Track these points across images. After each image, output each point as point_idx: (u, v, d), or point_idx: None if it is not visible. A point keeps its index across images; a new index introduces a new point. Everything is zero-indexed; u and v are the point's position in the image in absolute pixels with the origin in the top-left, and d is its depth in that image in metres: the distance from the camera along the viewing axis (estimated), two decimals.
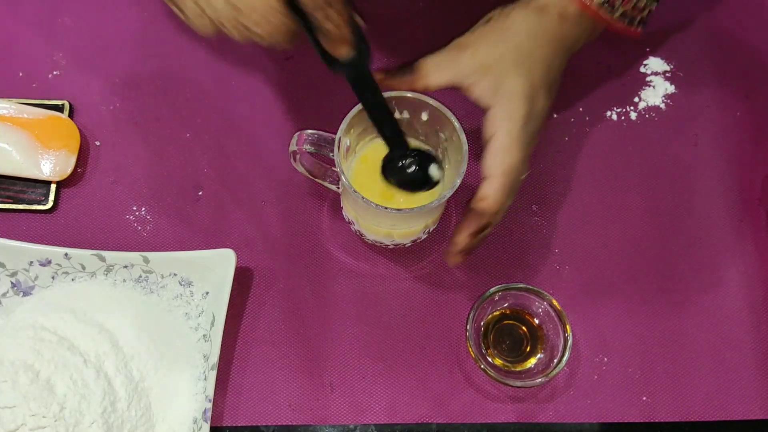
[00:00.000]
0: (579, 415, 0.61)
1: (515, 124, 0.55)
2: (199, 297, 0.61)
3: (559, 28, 0.58)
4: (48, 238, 0.64)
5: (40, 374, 0.55)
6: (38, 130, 0.65)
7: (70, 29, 0.71)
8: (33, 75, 0.69)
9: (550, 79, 0.58)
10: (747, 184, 0.68)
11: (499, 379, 0.58)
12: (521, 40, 0.57)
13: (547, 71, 0.58)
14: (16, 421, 0.53)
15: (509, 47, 0.57)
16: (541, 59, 0.57)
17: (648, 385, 0.62)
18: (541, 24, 0.58)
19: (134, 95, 0.69)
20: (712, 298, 0.65)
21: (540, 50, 0.57)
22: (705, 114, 0.71)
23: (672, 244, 0.66)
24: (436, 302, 0.64)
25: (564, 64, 0.60)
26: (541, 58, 0.57)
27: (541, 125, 0.58)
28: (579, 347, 0.63)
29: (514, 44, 0.57)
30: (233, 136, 0.68)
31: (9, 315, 0.60)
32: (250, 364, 0.61)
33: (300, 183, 0.66)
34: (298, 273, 0.64)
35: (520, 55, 0.57)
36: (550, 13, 0.58)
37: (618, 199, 0.67)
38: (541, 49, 0.57)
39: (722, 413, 0.61)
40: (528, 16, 0.58)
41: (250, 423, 0.60)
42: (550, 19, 0.58)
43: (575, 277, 0.65)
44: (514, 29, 0.58)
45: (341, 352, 0.62)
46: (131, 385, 0.57)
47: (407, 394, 0.61)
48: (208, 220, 0.65)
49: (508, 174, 0.54)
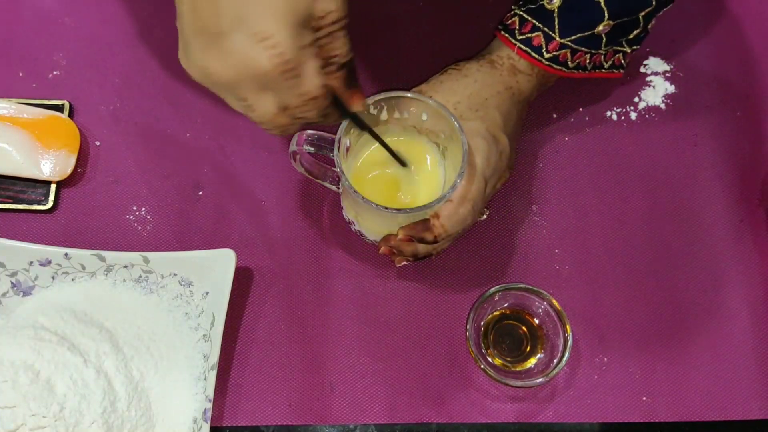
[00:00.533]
0: (579, 415, 0.61)
1: (477, 157, 0.56)
2: (199, 297, 0.61)
3: (512, 79, 0.61)
4: (48, 238, 0.64)
5: (40, 374, 0.55)
6: (38, 130, 0.65)
7: (70, 29, 0.71)
8: (33, 75, 0.69)
9: (509, 127, 0.60)
10: (747, 184, 0.68)
11: (499, 379, 0.58)
12: (477, 89, 0.59)
13: (504, 119, 0.59)
14: (16, 421, 0.53)
15: (464, 95, 0.59)
16: (496, 106, 0.59)
17: (648, 385, 0.62)
18: (494, 75, 0.60)
19: (134, 95, 0.69)
20: (712, 298, 0.65)
21: (494, 98, 0.59)
22: (705, 114, 0.71)
23: (672, 244, 0.66)
24: (436, 302, 0.64)
25: (522, 113, 0.63)
26: (495, 105, 0.59)
27: (503, 169, 0.59)
28: (579, 347, 0.63)
29: (469, 93, 0.59)
30: (233, 136, 0.68)
31: (9, 315, 0.60)
32: (250, 364, 0.61)
33: (300, 183, 0.66)
34: (298, 273, 0.64)
35: (475, 101, 0.59)
36: (503, 65, 0.61)
37: (618, 199, 0.67)
38: (495, 97, 0.59)
39: (722, 413, 0.61)
40: (482, 67, 0.61)
41: (250, 423, 0.60)
42: (502, 71, 0.61)
43: (575, 277, 0.65)
44: (468, 79, 0.60)
45: (341, 352, 0.62)
46: (131, 385, 0.57)
47: (407, 394, 0.61)
48: (208, 220, 0.65)
49: (463, 202, 0.55)
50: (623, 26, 0.59)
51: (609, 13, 0.57)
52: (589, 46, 0.60)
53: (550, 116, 0.69)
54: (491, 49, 0.62)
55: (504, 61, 0.61)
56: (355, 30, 0.45)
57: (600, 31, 0.58)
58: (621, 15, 0.58)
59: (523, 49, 0.60)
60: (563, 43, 0.59)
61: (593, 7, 0.57)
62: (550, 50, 0.59)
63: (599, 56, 0.61)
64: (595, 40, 0.59)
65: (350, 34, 0.46)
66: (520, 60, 0.61)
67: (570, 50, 0.59)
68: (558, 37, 0.59)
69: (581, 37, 0.59)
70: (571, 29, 0.59)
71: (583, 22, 0.58)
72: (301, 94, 0.45)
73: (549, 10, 0.59)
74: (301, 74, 0.44)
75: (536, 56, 0.60)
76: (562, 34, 0.59)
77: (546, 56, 0.60)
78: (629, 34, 0.61)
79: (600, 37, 0.59)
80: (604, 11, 0.57)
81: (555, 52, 0.59)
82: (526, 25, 0.60)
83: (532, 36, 0.59)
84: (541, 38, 0.59)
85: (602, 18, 0.58)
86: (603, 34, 0.59)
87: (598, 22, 0.58)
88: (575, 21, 0.58)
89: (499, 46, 0.62)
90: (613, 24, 0.58)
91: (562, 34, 0.59)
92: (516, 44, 0.60)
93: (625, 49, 0.63)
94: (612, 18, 0.58)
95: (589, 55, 0.61)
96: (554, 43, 0.59)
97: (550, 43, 0.59)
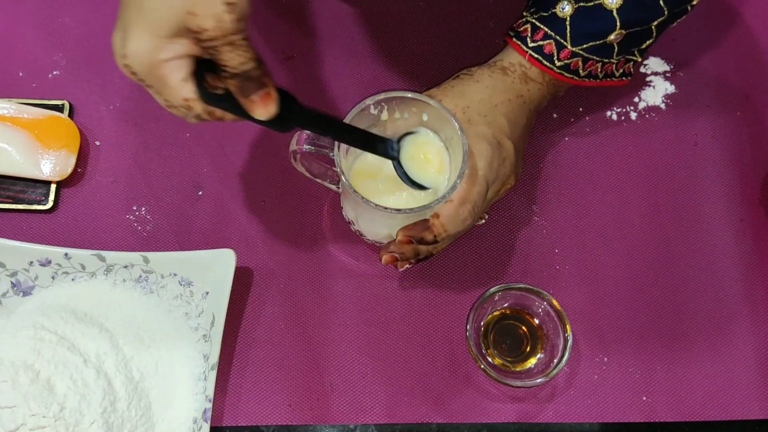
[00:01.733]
0: (579, 415, 0.61)
1: (480, 160, 0.56)
2: (199, 297, 0.61)
3: (523, 87, 0.61)
4: (48, 238, 0.64)
5: (40, 374, 0.55)
6: (38, 130, 0.65)
7: (70, 29, 0.71)
8: (33, 75, 0.69)
9: (515, 134, 0.60)
10: (747, 184, 0.68)
11: (499, 379, 0.58)
12: (487, 95, 0.59)
13: (512, 126, 0.59)
14: (16, 421, 0.53)
15: (474, 100, 0.59)
16: (505, 113, 0.59)
17: (648, 385, 0.62)
18: (505, 82, 0.60)
19: (134, 95, 0.69)
20: (712, 297, 0.65)
21: (504, 105, 0.59)
22: (705, 114, 0.71)
23: (672, 243, 0.66)
24: (436, 302, 0.64)
25: (531, 123, 0.63)
26: (504, 112, 0.59)
27: (507, 175, 0.59)
28: (579, 347, 0.63)
29: (479, 98, 0.59)
30: (233, 136, 0.68)
31: (9, 315, 0.60)
32: (250, 364, 0.61)
33: (300, 183, 0.66)
34: (298, 273, 0.64)
35: (485, 107, 0.59)
36: (515, 73, 0.61)
37: (618, 199, 0.67)
38: (504, 104, 0.59)
39: (722, 413, 0.61)
40: (494, 73, 0.61)
41: (250, 423, 0.60)
42: (513, 79, 0.60)
43: (575, 277, 0.65)
44: (480, 85, 0.60)
45: (341, 352, 0.62)
46: (131, 385, 0.57)
47: (407, 394, 0.61)
48: (208, 220, 0.65)
49: (464, 203, 0.55)
50: (636, 36, 0.59)
51: (621, 23, 0.57)
52: (601, 55, 0.60)
53: (550, 116, 0.69)
54: (503, 56, 0.62)
55: (516, 69, 0.61)
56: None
57: (612, 40, 0.58)
58: (633, 24, 0.58)
59: (534, 57, 0.60)
60: (575, 52, 0.59)
61: (606, 16, 0.57)
62: (562, 58, 0.59)
63: (611, 65, 0.61)
64: (607, 49, 0.59)
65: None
66: (532, 68, 0.60)
67: (581, 59, 0.59)
68: (570, 45, 0.59)
69: (593, 46, 0.59)
70: (583, 38, 0.59)
71: (595, 30, 0.58)
72: (165, 101, 0.46)
73: (561, 18, 0.58)
74: (165, 84, 0.45)
75: (547, 64, 0.59)
76: (574, 43, 0.59)
77: (557, 64, 0.59)
78: (642, 44, 0.61)
79: (612, 46, 0.59)
80: (617, 20, 0.57)
81: (566, 60, 0.59)
82: (537, 33, 0.60)
83: (544, 44, 0.59)
84: (552, 46, 0.59)
85: (614, 27, 0.57)
86: (615, 43, 0.59)
87: (611, 31, 0.58)
88: (587, 29, 0.58)
89: (510, 53, 0.62)
90: (625, 33, 0.58)
91: (573, 42, 0.59)
92: (527, 52, 0.60)
93: (636, 58, 0.63)
94: (624, 27, 0.58)
95: (600, 64, 0.60)
96: (566, 51, 0.59)
97: (561, 51, 0.59)
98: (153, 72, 0.45)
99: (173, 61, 0.45)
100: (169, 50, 0.44)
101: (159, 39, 0.44)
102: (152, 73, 0.45)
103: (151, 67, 0.44)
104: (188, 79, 0.45)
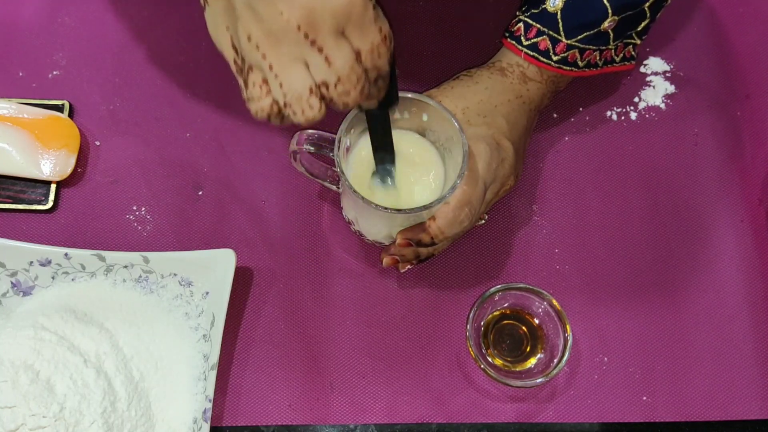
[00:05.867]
0: (579, 415, 0.61)
1: (478, 161, 0.56)
2: (199, 297, 0.61)
3: (522, 87, 0.61)
4: (48, 238, 0.64)
5: (40, 374, 0.55)
6: (38, 130, 0.65)
7: (70, 29, 0.71)
8: (33, 75, 0.69)
9: (515, 135, 0.59)
10: (747, 184, 0.68)
11: (499, 379, 0.58)
12: (486, 96, 0.59)
13: (511, 127, 0.59)
14: (16, 421, 0.53)
15: (474, 101, 0.59)
16: (504, 114, 0.59)
17: (648, 385, 0.62)
18: (504, 83, 0.60)
19: (134, 95, 0.69)
20: (712, 297, 0.65)
21: (504, 106, 0.59)
22: (705, 114, 0.71)
23: (672, 243, 0.66)
24: (436, 302, 0.64)
25: (531, 123, 0.62)
26: (504, 113, 0.59)
27: (506, 176, 0.59)
28: (579, 347, 0.63)
29: (479, 99, 0.59)
30: (233, 136, 0.68)
31: (9, 315, 0.60)
32: (250, 364, 0.61)
33: (300, 183, 0.66)
34: (298, 273, 0.64)
35: (484, 108, 0.58)
36: (513, 73, 0.60)
37: (618, 199, 0.67)
38: (504, 105, 0.59)
39: (722, 413, 0.61)
40: (493, 75, 0.61)
41: (250, 423, 0.60)
42: (512, 79, 0.60)
43: (575, 277, 0.65)
44: (479, 86, 0.60)
45: (341, 352, 0.62)
46: (131, 385, 0.57)
47: (407, 394, 0.61)
48: (208, 220, 0.65)
49: (461, 205, 0.55)
50: (630, 19, 0.59)
51: (612, 9, 0.57)
52: (597, 44, 0.59)
53: (550, 116, 0.69)
54: (501, 56, 0.62)
55: (514, 69, 0.61)
56: None
57: (606, 27, 0.58)
58: (625, 9, 0.58)
59: (530, 55, 0.60)
60: (570, 44, 0.59)
61: (596, 5, 0.57)
62: (558, 52, 0.59)
63: (609, 51, 0.61)
64: (603, 37, 0.59)
65: None
66: (529, 66, 0.60)
67: (578, 50, 0.59)
68: (564, 38, 0.58)
69: (588, 36, 0.58)
70: (577, 29, 0.58)
71: (587, 21, 0.58)
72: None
73: (552, 13, 0.58)
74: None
75: (544, 60, 0.59)
76: (568, 36, 0.58)
77: (554, 59, 0.59)
78: (638, 26, 0.60)
79: (607, 33, 0.59)
80: (608, 7, 0.57)
81: (563, 54, 0.59)
82: (531, 30, 0.60)
83: (538, 40, 0.59)
84: (547, 42, 0.59)
85: (606, 15, 0.57)
86: (610, 30, 0.58)
87: (603, 18, 0.57)
88: (580, 20, 0.58)
89: (507, 53, 0.62)
90: (618, 19, 0.58)
91: (567, 35, 0.58)
92: (523, 50, 0.60)
93: (635, 41, 0.62)
94: (616, 13, 0.57)
95: (598, 53, 0.60)
96: (561, 45, 0.59)
97: (556, 46, 0.59)
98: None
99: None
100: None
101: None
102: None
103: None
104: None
